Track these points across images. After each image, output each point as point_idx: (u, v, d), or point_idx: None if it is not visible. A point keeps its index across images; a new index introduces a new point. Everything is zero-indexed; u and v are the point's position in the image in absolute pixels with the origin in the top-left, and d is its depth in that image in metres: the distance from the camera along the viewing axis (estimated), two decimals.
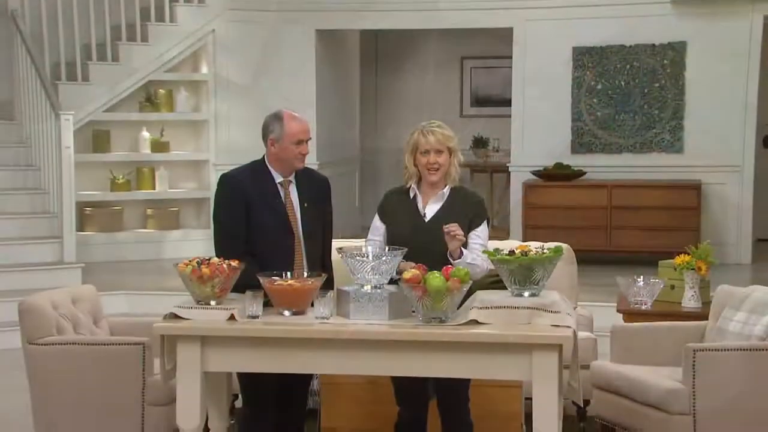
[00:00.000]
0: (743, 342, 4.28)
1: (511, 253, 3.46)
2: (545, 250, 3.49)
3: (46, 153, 8.05)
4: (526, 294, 3.43)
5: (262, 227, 3.70)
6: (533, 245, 3.60)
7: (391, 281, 3.51)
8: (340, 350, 3.38)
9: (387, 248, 3.64)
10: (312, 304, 3.48)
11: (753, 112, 8.61)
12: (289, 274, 3.54)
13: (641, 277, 5.15)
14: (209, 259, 3.50)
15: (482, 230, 3.79)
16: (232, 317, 3.44)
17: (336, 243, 3.97)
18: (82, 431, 4.36)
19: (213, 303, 3.47)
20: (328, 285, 3.65)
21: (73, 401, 4.28)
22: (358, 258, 3.46)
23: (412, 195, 3.83)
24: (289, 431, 3.84)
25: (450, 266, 3.43)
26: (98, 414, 4.27)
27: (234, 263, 3.49)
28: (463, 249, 3.65)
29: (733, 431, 4.15)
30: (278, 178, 3.77)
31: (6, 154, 8.39)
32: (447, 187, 3.81)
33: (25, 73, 8.34)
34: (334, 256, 3.80)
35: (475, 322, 3.36)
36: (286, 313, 3.48)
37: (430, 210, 3.79)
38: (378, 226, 3.86)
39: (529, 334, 3.29)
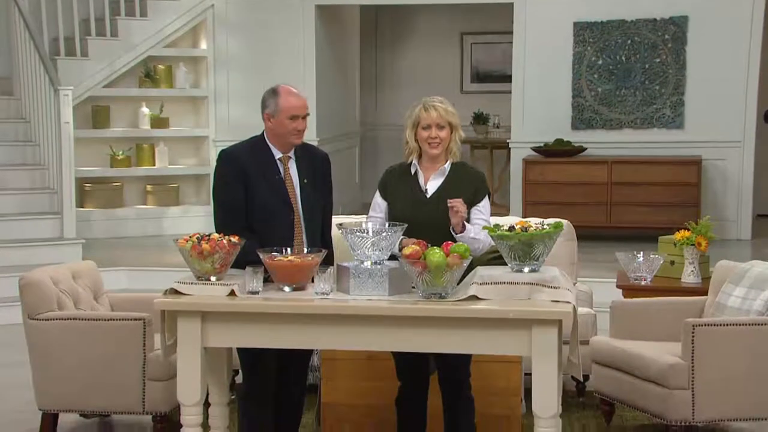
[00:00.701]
0: (742, 317, 4.29)
1: (511, 228, 3.46)
2: (545, 226, 3.48)
3: (45, 128, 8.03)
4: (526, 270, 3.43)
5: (261, 203, 3.69)
6: (533, 221, 3.59)
7: (392, 257, 3.51)
8: (340, 326, 3.39)
9: (387, 224, 3.64)
10: (312, 280, 3.49)
11: (754, 87, 8.58)
12: (289, 249, 3.54)
13: (641, 252, 5.16)
14: (209, 235, 3.50)
15: (484, 205, 3.78)
16: (232, 293, 3.44)
17: (336, 219, 3.97)
18: (83, 406, 4.39)
19: (213, 279, 3.48)
20: (329, 261, 3.65)
21: (73, 376, 4.30)
22: (358, 234, 3.45)
23: (413, 171, 3.81)
24: (289, 407, 3.85)
25: (450, 242, 3.42)
26: (99, 389, 4.29)
27: (234, 239, 3.49)
28: (466, 223, 3.65)
29: (731, 406, 4.17)
30: (277, 154, 3.76)
31: (5, 130, 8.38)
32: (448, 162, 3.79)
33: (24, 48, 8.31)
34: (334, 232, 3.80)
35: (475, 298, 3.36)
36: (287, 288, 3.49)
37: (431, 186, 3.78)
38: (379, 203, 3.85)
39: (528, 310, 3.29)
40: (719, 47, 8.60)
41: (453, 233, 3.61)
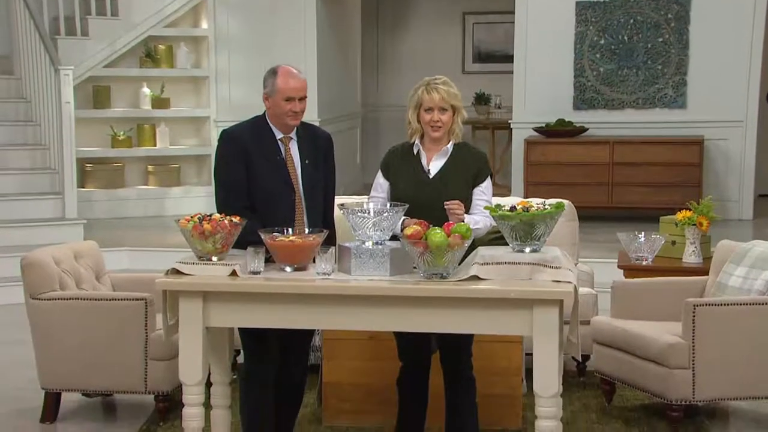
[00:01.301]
0: (743, 297, 4.30)
1: (513, 209, 3.46)
2: (547, 206, 3.48)
3: (46, 108, 8.02)
4: (528, 250, 3.43)
5: (262, 183, 3.69)
6: (535, 201, 3.59)
7: (394, 237, 3.50)
8: (342, 306, 3.39)
9: (389, 204, 3.63)
10: (313, 260, 3.49)
11: (757, 67, 8.56)
12: (290, 230, 3.54)
13: (642, 233, 5.16)
14: (211, 215, 3.50)
15: (486, 186, 3.78)
16: (233, 273, 3.44)
17: (337, 199, 3.96)
18: (86, 385, 4.41)
19: (215, 259, 3.48)
20: (331, 242, 3.64)
21: (76, 356, 4.31)
22: (359, 214, 3.45)
23: (415, 151, 3.80)
24: (290, 387, 3.86)
25: (452, 222, 3.42)
26: (101, 368, 4.31)
27: (235, 219, 3.49)
28: (465, 216, 3.64)
29: (731, 385, 4.19)
30: (279, 134, 3.75)
31: (6, 109, 8.37)
32: (450, 143, 3.78)
33: (24, 28, 8.28)
34: (336, 212, 3.79)
35: (476, 278, 3.36)
36: (288, 269, 3.49)
37: (434, 166, 3.77)
38: (381, 183, 3.83)
39: (530, 290, 3.29)
40: (722, 26, 8.57)
41: None
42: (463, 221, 3.55)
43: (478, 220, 3.66)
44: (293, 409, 3.92)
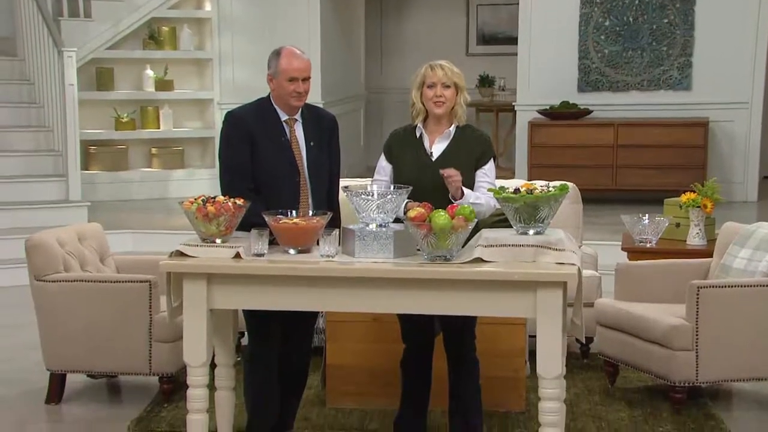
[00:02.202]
0: (747, 278, 4.30)
1: (517, 191, 3.45)
2: (551, 189, 3.48)
3: (49, 90, 8.01)
4: (531, 232, 3.43)
5: (267, 165, 3.68)
6: (539, 184, 3.58)
7: (397, 220, 3.50)
8: (345, 288, 3.39)
9: (392, 187, 3.63)
10: (317, 243, 3.49)
11: (763, 48, 8.52)
12: (294, 212, 3.54)
13: (646, 215, 5.16)
14: (215, 198, 3.50)
15: (489, 168, 3.78)
16: (237, 255, 3.44)
17: (341, 182, 3.96)
18: (90, 367, 4.42)
19: (219, 241, 3.48)
20: (335, 224, 3.64)
21: (80, 338, 4.33)
22: (363, 197, 3.45)
23: (418, 134, 3.80)
24: (294, 369, 3.87)
25: (455, 205, 3.42)
26: (106, 350, 4.32)
27: (239, 201, 3.49)
28: (465, 189, 3.64)
29: (734, 366, 4.20)
30: (283, 116, 3.74)
31: (9, 91, 8.36)
32: (453, 125, 3.78)
33: (27, 9, 8.27)
34: (340, 194, 3.79)
35: (480, 260, 3.36)
36: (292, 251, 3.49)
37: (436, 149, 3.77)
38: (384, 166, 3.83)
39: (533, 272, 3.29)
40: (728, 7, 8.52)
41: (452, 201, 3.61)
42: (471, 183, 3.57)
43: (480, 195, 3.66)
44: (297, 392, 3.93)
